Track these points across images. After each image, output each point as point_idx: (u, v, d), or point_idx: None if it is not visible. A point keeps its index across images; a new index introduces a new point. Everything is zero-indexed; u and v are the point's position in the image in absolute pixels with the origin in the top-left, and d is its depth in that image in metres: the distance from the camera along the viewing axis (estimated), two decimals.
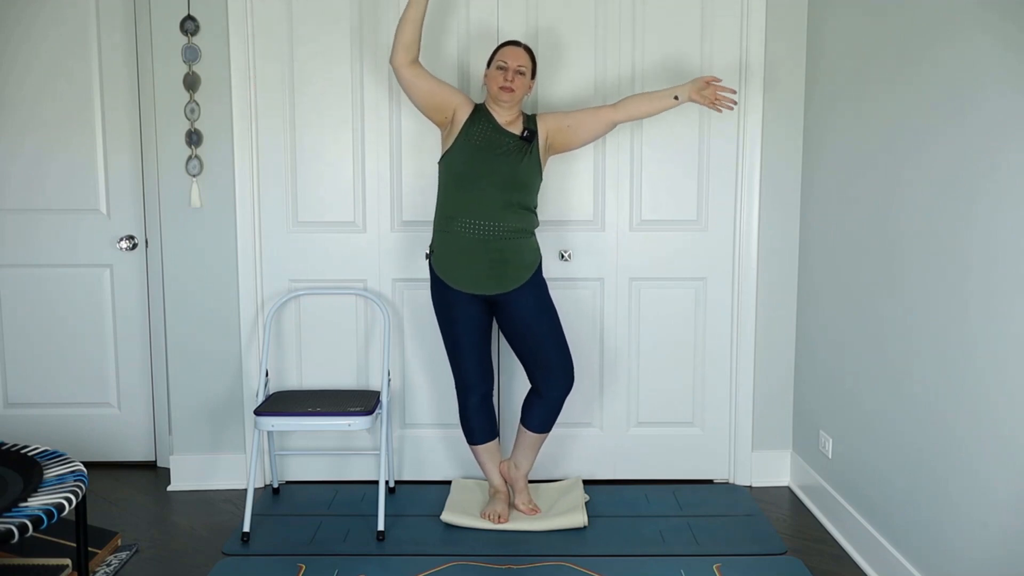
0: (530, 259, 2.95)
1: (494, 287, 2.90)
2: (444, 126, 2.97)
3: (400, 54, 2.84)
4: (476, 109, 2.95)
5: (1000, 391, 2.04)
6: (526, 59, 2.92)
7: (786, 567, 2.74)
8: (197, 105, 3.24)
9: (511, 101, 2.90)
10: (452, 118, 2.93)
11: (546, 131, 2.97)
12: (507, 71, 2.88)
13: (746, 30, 3.23)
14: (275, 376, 3.38)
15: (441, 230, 2.93)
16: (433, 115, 2.96)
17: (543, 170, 2.98)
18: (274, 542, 2.93)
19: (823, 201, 3.10)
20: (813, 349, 3.21)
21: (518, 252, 2.91)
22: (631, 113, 2.99)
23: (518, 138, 2.91)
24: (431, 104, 2.92)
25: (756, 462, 3.43)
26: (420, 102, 2.93)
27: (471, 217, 2.85)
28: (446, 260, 2.91)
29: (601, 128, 3.00)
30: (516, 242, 2.90)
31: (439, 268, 2.93)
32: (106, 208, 3.51)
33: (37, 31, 3.40)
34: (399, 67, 2.86)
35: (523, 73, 2.90)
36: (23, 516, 2.05)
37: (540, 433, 3.05)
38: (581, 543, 2.90)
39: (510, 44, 2.95)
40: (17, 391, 3.59)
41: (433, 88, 2.91)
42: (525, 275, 2.92)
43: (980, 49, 2.11)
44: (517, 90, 2.89)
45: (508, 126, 2.93)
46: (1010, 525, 2.02)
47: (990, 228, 2.07)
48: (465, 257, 2.88)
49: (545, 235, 3.19)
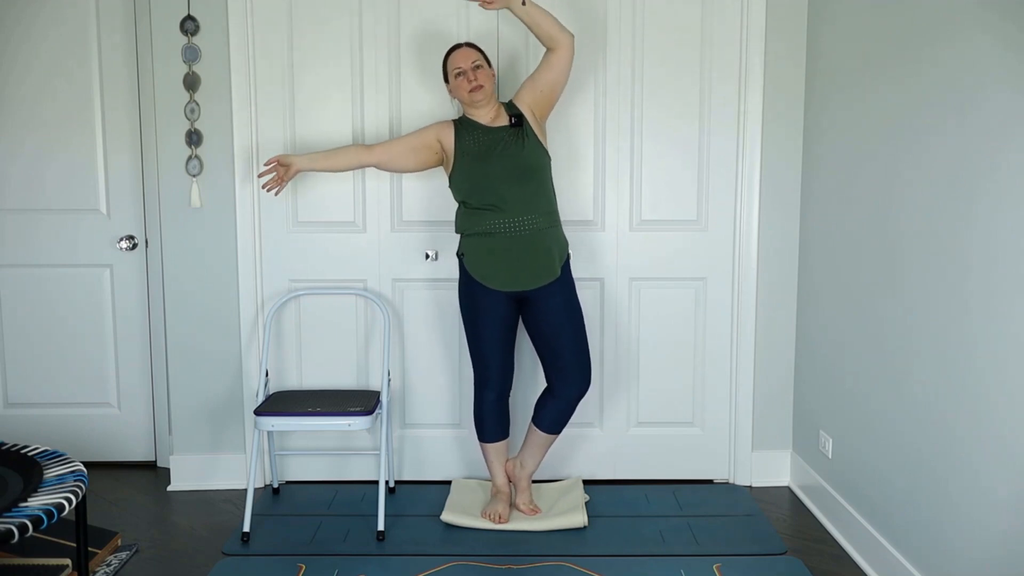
0: (559, 250, 2.96)
1: (528, 282, 2.91)
2: (444, 160, 3.01)
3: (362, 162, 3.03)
4: (458, 124, 2.97)
5: (1000, 391, 2.04)
6: (475, 54, 2.93)
7: (786, 567, 2.74)
8: (197, 105, 3.24)
9: (486, 97, 2.91)
10: (443, 149, 2.97)
11: (528, 107, 2.96)
12: (467, 73, 2.89)
13: (746, 30, 3.23)
14: (275, 376, 3.38)
15: (468, 235, 2.94)
16: (430, 162, 3.02)
17: (546, 145, 2.98)
18: (274, 542, 2.93)
19: (823, 201, 3.10)
20: (813, 349, 3.21)
21: (547, 244, 2.92)
22: (549, 34, 2.85)
23: (509, 128, 2.92)
24: (419, 159, 3.01)
25: (756, 462, 3.43)
26: (411, 166, 3.03)
27: (497, 218, 2.87)
28: (478, 261, 2.92)
29: (563, 63, 2.90)
30: (544, 234, 2.91)
31: (471, 268, 2.94)
32: (106, 208, 3.51)
33: (37, 31, 3.41)
34: (369, 165, 3.03)
35: (481, 67, 2.91)
36: (23, 516, 2.05)
37: (551, 433, 3.05)
38: (581, 543, 2.90)
39: (453, 50, 2.97)
40: (17, 391, 3.59)
41: (406, 147, 3.00)
42: (556, 267, 2.93)
43: (980, 49, 2.11)
44: (486, 83, 2.90)
45: (494, 122, 2.94)
46: (1010, 525, 2.02)
47: (990, 228, 2.07)
48: (497, 256, 2.89)
49: None
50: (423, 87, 3.26)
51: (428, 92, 3.25)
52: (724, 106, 3.27)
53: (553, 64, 2.91)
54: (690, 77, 3.25)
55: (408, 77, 3.26)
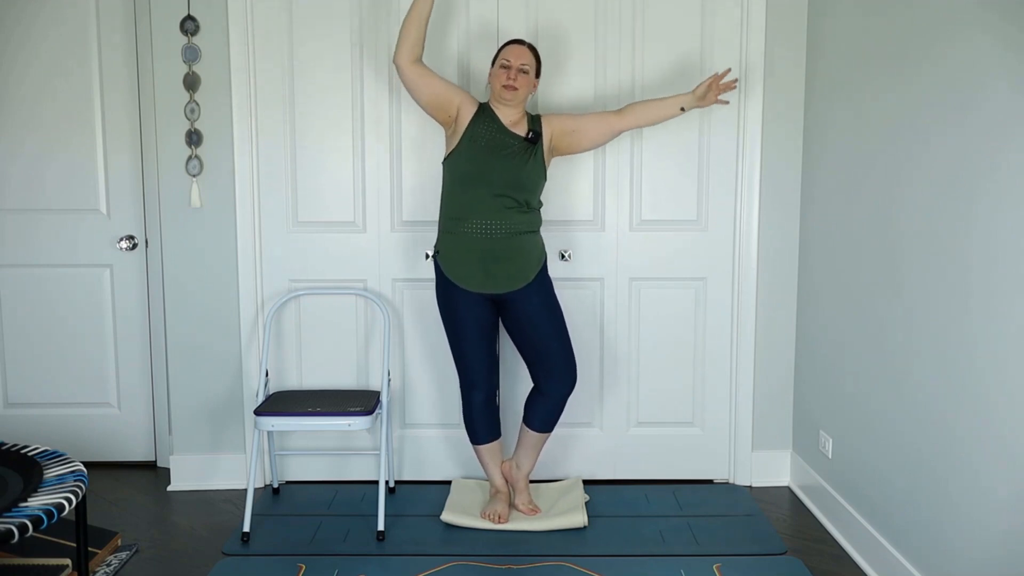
0: (536, 256, 2.95)
1: (502, 285, 2.90)
2: (448, 125, 2.96)
3: (404, 52, 2.83)
4: (480, 109, 2.94)
5: (1000, 391, 2.04)
6: (530, 57, 2.92)
7: (786, 567, 2.74)
8: (197, 105, 3.24)
9: (515, 100, 2.89)
10: (456, 117, 2.92)
11: (551, 133, 2.96)
12: (510, 69, 2.87)
13: (746, 30, 3.23)
14: (275, 376, 3.38)
15: (446, 231, 2.93)
16: (437, 114, 2.94)
17: (547, 171, 2.98)
18: (274, 542, 2.93)
19: (823, 201, 3.10)
20: (813, 349, 3.21)
21: (524, 250, 2.91)
22: (637, 121, 2.99)
23: (523, 139, 2.91)
24: (435, 103, 2.91)
25: (756, 462, 3.43)
26: (424, 101, 2.92)
27: (477, 217, 2.85)
28: (453, 260, 2.91)
29: (606, 135, 3.00)
30: (521, 239, 2.90)
31: (446, 268, 2.93)
32: (106, 208, 3.51)
33: (37, 31, 3.41)
34: (403, 65, 2.84)
35: (526, 72, 2.89)
36: (23, 516, 2.05)
37: (542, 432, 3.05)
38: (581, 543, 2.90)
39: (514, 43, 2.94)
40: (17, 391, 3.59)
41: (436, 87, 2.90)
42: (531, 273, 2.93)
43: (980, 49, 2.11)
44: (520, 88, 2.88)
45: (513, 127, 2.92)
46: (1010, 525, 2.02)
47: (990, 228, 2.07)
48: (472, 257, 2.88)
49: (546, 235, 3.18)
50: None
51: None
52: (724, 106, 3.27)
53: (606, 121, 2.98)
54: (690, 77, 3.25)
55: None
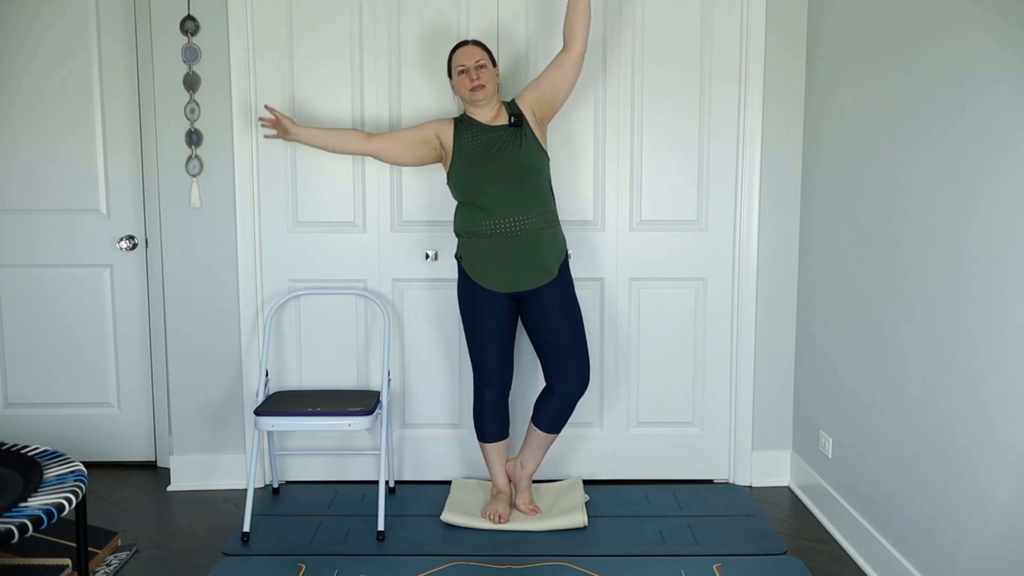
0: (557, 249, 2.96)
1: (526, 283, 2.91)
2: (443, 157, 3.00)
3: (358, 149, 3.04)
4: (458, 121, 2.97)
5: (1000, 391, 2.04)
6: (480, 53, 2.93)
7: (786, 567, 2.74)
8: (197, 105, 3.24)
9: (486, 97, 2.91)
10: (441, 143, 2.97)
11: (529, 108, 2.96)
12: (469, 71, 2.89)
13: (746, 30, 3.23)
14: (275, 376, 3.38)
15: (465, 237, 2.94)
16: (429, 156, 3.01)
17: (546, 147, 2.98)
18: (274, 542, 2.93)
19: (823, 201, 3.10)
20: (813, 349, 3.21)
21: (544, 244, 2.91)
22: (573, 32, 2.87)
23: (508, 127, 2.92)
24: (421, 151, 3.00)
25: (756, 462, 3.43)
26: (409, 159, 3.03)
27: (492, 219, 2.86)
28: (476, 263, 2.92)
29: (569, 72, 2.92)
30: (540, 234, 2.90)
31: (470, 270, 2.94)
32: (106, 208, 3.51)
33: (37, 31, 3.41)
34: (369, 152, 3.04)
35: (484, 66, 2.91)
36: (23, 516, 2.05)
37: (550, 433, 3.05)
38: (581, 543, 2.90)
39: (459, 47, 2.96)
40: (17, 391, 3.59)
41: (409, 139, 3.00)
42: (554, 267, 2.93)
43: (980, 49, 2.11)
44: (488, 83, 2.90)
45: (494, 121, 2.94)
46: (1010, 525, 2.02)
47: (991, 228, 2.07)
48: (494, 258, 2.89)
49: None
50: (423, 85, 3.26)
51: (428, 90, 3.26)
52: (724, 106, 3.27)
53: (561, 63, 2.90)
54: (690, 77, 3.25)
55: (408, 75, 3.26)
